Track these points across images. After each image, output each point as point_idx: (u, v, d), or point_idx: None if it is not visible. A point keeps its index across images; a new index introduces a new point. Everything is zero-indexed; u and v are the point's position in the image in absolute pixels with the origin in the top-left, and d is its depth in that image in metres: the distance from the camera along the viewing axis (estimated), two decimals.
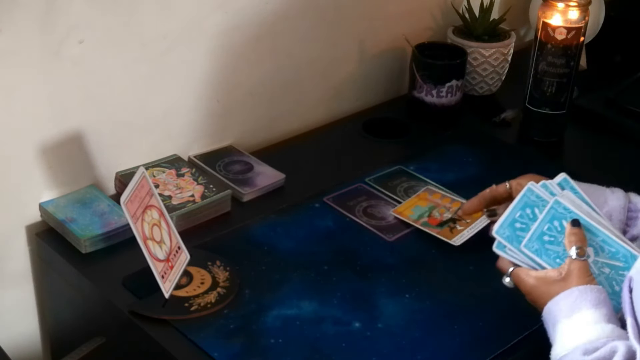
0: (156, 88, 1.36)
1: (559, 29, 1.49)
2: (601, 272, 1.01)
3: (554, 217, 1.03)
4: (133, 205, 1.09)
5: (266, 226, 1.31)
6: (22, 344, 1.37)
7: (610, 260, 1.01)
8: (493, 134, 1.62)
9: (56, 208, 1.28)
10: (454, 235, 1.26)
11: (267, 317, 1.12)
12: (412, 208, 1.34)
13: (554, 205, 1.04)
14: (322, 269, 1.22)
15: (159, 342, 1.08)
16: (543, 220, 1.04)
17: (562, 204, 1.03)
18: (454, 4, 1.77)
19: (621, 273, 1.00)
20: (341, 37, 1.61)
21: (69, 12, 1.21)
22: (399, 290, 1.18)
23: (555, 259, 1.02)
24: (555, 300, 0.97)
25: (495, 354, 1.08)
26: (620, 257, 1.00)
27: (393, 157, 1.51)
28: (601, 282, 1.01)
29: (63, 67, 1.24)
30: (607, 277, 1.01)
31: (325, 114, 1.66)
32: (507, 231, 1.05)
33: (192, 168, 1.39)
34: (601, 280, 1.01)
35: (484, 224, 1.27)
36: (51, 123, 1.26)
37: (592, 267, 1.00)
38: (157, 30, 1.32)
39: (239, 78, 1.47)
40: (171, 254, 1.14)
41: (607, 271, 1.01)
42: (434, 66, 1.61)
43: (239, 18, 1.42)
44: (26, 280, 1.34)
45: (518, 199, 1.06)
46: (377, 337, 1.10)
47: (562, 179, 1.08)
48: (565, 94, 1.55)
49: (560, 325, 0.96)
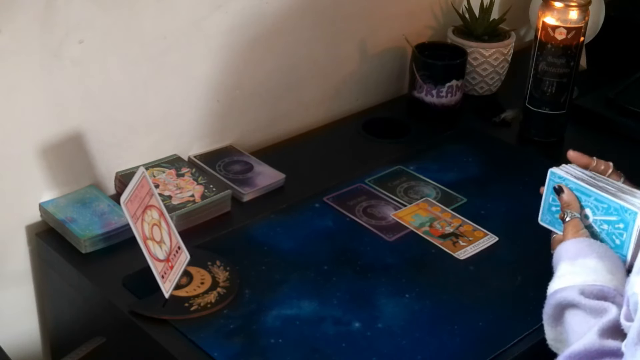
0: (156, 88, 1.36)
1: (559, 29, 1.49)
2: (601, 230, 1.07)
3: (553, 187, 1.12)
4: (133, 205, 1.09)
5: (266, 226, 1.31)
6: (22, 344, 1.38)
7: (606, 216, 1.07)
8: (493, 134, 1.62)
9: (56, 208, 1.28)
10: (457, 249, 1.26)
11: (267, 317, 1.12)
12: (412, 215, 1.34)
13: (550, 177, 1.12)
14: (322, 269, 1.22)
15: (159, 342, 1.09)
16: (546, 193, 1.12)
17: (556, 174, 1.11)
18: (454, 4, 1.77)
19: (617, 226, 1.06)
20: (341, 37, 1.61)
21: (69, 12, 1.21)
22: (399, 290, 1.18)
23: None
24: (564, 244, 1.06)
25: (495, 354, 1.08)
26: (613, 212, 1.06)
27: (393, 157, 1.51)
28: (603, 238, 1.07)
29: (63, 67, 1.24)
30: (608, 233, 1.07)
31: (325, 114, 1.66)
32: (548, 217, 1.15)
33: (192, 168, 1.39)
34: (603, 237, 1.07)
35: (488, 243, 1.28)
36: (51, 123, 1.26)
37: (593, 226, 1.08)
38: (157, 30, 1.32)
39: (239, 78, 1.47)
40: (171, 254, 1.14)
41: (605, 227, 1.07)
42: (434, 66, 1.61)
43: (239, 18, 1.42)
44: (26, 280, 1.34)
45: (547, 186, 1.13)
46: (377, 337, 1.10)
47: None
48: (565, 94, 1.55)
49: (563, 264, 1.03)
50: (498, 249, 1.28)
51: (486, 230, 1.30)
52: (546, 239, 1.16)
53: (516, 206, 1.38)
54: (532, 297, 1.17)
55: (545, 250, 1.19)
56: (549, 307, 1.01)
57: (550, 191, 1.12)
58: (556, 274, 1.04)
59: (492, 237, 1.29)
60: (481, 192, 1.42)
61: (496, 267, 1.24)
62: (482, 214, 1.35)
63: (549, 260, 1.12)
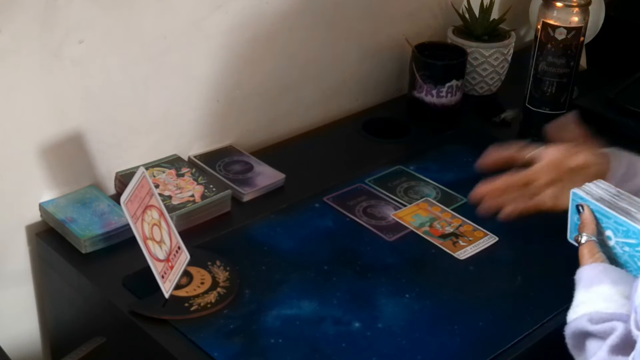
0: (156, 88, 1.36)
1: (559, 29, 1.49)
2: (623, 251, 1.06)
3: (576, 209, 1.11)
4: (133, 205, 1.09)
5: (266, 226, 1.31)
6: (22, 344, 1.38)
7: (626, 238, 1.05)
8: (493, 134, 1.61)
9: (56, 208, 1.28)
10: (457, 249, 1.26)
11: (267, 317, 1.12)
12: (412, 215, 1.34)
13: (572, 197, 1.10)
14: (322, 269, 1.22)
15: (159, 342, 1.08)
16: (571, 212, 1.12)
17: (578, 194, 1.09)
18: (454, 4, 1.77)
19: (637, 249, 1.04)
20: (341, 37, 1.61)
21: (69, 12, 1.21)
22: (399, 290, 1.18)
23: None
24: (580, 270, 1.04)
25: (495, 354, 1.08)
26: (632, 235, 1.04)
27: (393, 157, 1.50)
28: (626, 260, 1.06)
29: (63, 67, 1.24)
30: (630, 255, 1.05)
31: (325, 114, 1.65)
32: (575, 234, 1.12)
33: (192, 168, 1.39)
34: (626, 259, 1.06)
35: (488, 243, 1.28)
36: (51, 123, 1.26)
37: (616, 248, 1.06)
38: (157, 30, 1.32)
39: (238, 78, 1.47)
40: (171, 254, 1.14)
41: (627, 249, 1.06)
42: (434, 66, 1.61)
43: (239, 18, 1.42)
44: (26, 280, 1.34)
45: (570, 206, 1.12)
46: (377, 337, 1.10)
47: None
48: (565, 94, 1.55)
49: (579, 293, 1.02)
50: (498, 249, 1.28)
51: (486, 230, 1.30)
52: (546, 239, 1.16)
53: None
54: (532, 297, 1.17)
55: (546, 250, 1.19)
56: (568, 337, 1.01)
57: (574, 210, 1.11)
58: (574, 302, 1.03)
59: (492, 237, 1.29)
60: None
61: (496, 267, 1.24)
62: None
63: (549, 259, 1.12)
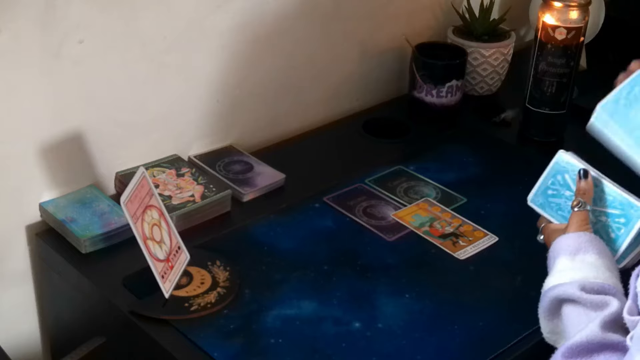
0: (156, 88, 1.36)
1: (559, 29, 1.49)
2: (598, 220, 1.05)
3: (557, 171, 1.09)
4: (133, 205, 1.09)
5: (266, 226, 1.31)
6: (22, 344, 1.38)
7: (608, 208, 1.05)
8: (493, 134, 1.62)
9: (56, 208, 1.28)
10: (457, 249, 1.26)
11: (267, 317, 1.12)
12: (412, 215, 1.34)
13: (557, 160, 1.09)
14: (322, 269, 1.22)
15: (159, 342, 1.08)
16: (547, 175, 1.10)
17: (564, 159, 1.09)
18: (454, 4, 1.77)
19: (617, 220, 1.04)
20: (341, 37, 1.61)
21: (68, 12, 1.21)
22: (399, 290, 1.18)
23: (557, 211, 1.09)
24: (565, 237, 1.02)
25: (495, 354, 1.09)
26: (617, 205, 1.04)
27: (393, 157, 1.51)
28: (598, 229, 1.05)
29: (63, 67, 1.24)
30: (604, 225, 1.05)
31: (325, 114, 1.66)
32: (540, 199, 1.12)
33: (192, 168, 1.39)
34: (598, 228, 1.05)
35: (488, 243, 1.28)
36: (51, 123, 1.26)
37: (589, 216, 1.05)
38: (157, 30, 1.32)
39: (239, 78, 1.47)
40: (171, 254, 1.14)
41: (604, 219, 1.05)
42: (434, 66, 1.61)
43: (239, 18, 1.42)
44: (26, 280, 1.34)
45: (549, 167, 1.11)
46: (377, 337, 1.10)
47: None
48: (565, 94, 1.55)
49: (563, 259, 1.00)
50: (498, 249, 1.28)
51: (486, 230, 1.31)
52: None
53: (516, 206, 1.37)
54: (532, 297, 1.17)
55: (546, 250, 1.18)
56: (546, 300, 1.00)
57: (552, 174, 1.10)
58: (555, 268, 1.01)
59: (492, 237, 1.29)
60: (481, 192, 1.42)
61: (496, 267, 1.24)
62: (482, 214, 1.35)
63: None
